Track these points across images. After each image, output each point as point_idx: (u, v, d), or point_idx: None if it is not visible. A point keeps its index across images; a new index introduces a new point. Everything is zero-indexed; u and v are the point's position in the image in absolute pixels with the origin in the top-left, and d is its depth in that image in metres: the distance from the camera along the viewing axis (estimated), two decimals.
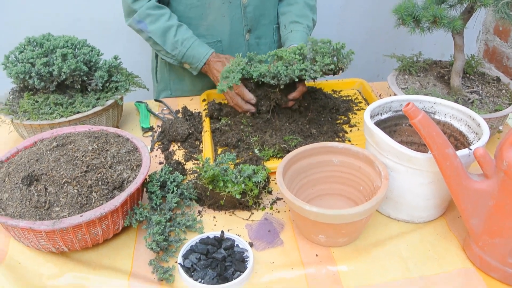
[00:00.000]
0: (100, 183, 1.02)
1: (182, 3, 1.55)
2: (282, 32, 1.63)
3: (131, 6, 1.48)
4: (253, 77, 1.32)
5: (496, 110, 1.30)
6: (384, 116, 1.19)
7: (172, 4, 1.56)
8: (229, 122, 1.43)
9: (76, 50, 1.35)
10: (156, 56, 1.73)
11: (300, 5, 1.70)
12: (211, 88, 1.66)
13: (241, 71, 1.30)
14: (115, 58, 1.41)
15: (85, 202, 0.99)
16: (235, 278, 0.96)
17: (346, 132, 1.42)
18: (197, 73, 1.54)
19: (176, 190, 1.14)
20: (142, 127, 1.48)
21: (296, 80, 1.30)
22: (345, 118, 1.49)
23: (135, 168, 1.08)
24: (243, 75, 1.31)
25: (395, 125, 1.21)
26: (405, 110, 0.88)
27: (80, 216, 0.95)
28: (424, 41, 2.24)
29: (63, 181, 1.00)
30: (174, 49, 1.50)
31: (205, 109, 1.51)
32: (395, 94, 1.38)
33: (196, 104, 1.62)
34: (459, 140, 1.13)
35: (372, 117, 1.15)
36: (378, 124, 1.17)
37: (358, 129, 1.44)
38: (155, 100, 1.64)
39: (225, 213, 1.14)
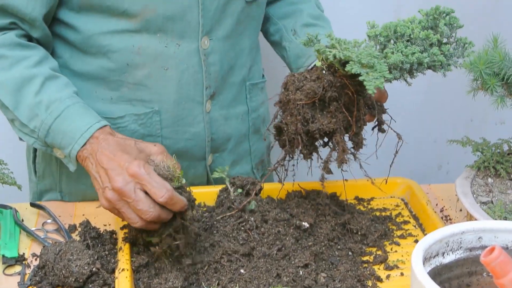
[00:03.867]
0: None
1: (87, 42, 1.57)
2: (289, 41, 1.77)
3: None
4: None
5: None
6: (450, 258, 1.18)
7: (71, 42, 1.59)
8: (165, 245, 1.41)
9: None
10: None
11: (313, 3, 1.84)
12: None
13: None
14: None
15: None
16: None
17: (380, 280, 1.41)
18: (75, 167, 1.48)
19: None
20: (3, 256, 1.45)
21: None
22: (379, 253, 1.48)
23: None
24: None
25: (469, 275, 1.20)
26: (486, 262, 0.88)
27: None
28: None
29: None
30: (33, 117, 1.47)
31: (123, 227, 1.50)
32: (469, 217, 1.37)
33: (108, 216, 1.59)
34: None
35: (427, 260, 1.14)
36: (439, 272, 1.16)
37: (403, 275, 1.43)
38: (32, 204, 1.63)
39: None
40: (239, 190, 1.51)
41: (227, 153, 1.76)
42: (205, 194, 1.62)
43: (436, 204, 1.69)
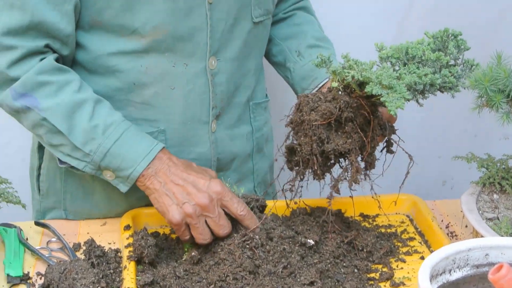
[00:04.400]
0: None
1: (95, 61, 1.58)
2: (293, 62, 1.79)
3: (6, 73, 1.48)
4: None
5: None
6: (457, 275, 1.18)
7: (79, 61, 1.59)
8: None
9: None
10: (40, 147, 1.73)
11: (316, 26, 1.86)
12: (139, 204, 1.66)
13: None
14: None
15: None
16: None
17: None
18: (129, 188, 1.53)
19: None
20: (8, 275, 1.45)
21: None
22: (385, 270, 1.48)
23: None
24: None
25: None
26: (494, 280, 0.88)
27: None
28: None
29: None
30: (89, 141, 1.49)
31: (128, 246, 1.49)
32: (475, 233, 1.37)
33: (113, 234, 1.61)
34: None
35: (433, 277, 1.14)
36: None
37: None
38: (36, 223, 1.63)
39: None
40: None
41: (231, 172, 1.76)
42: None
43: (442, 220, 1.68)
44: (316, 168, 1.41)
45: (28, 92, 1.48)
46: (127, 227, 1.56)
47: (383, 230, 1.62)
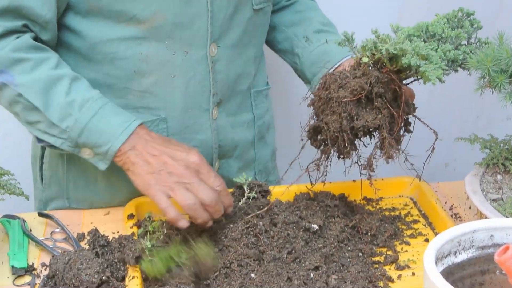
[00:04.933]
0: None
1: (93, 48, 1.57)
2: (302, 48, 1.78)
3: None
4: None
5: None
6: (462, 257, 1.18)
7: (76, 48, 1.59)
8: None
9: None
10: None
11: (319, 11, 1.87)
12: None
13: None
14: None
15: None
16: None
17: (391, 280, 1.41)
18: (108, 165, 1.51)
19: None
20: (12, 266, 1.45)
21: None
22: (389, 253, 1.48)
23: None
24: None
25: (482, 274, 1.20)
26: (500, 261, 0.87)
27: None
28: None
29: None
30: (66, 117, 1.47)
31: (132, 234, 1.49)
32: (479, 215, 1.37)
33: (117, 224, 1.61)
34: None
35: (439, 259, 1.14)
36: (451, 272, 1.16)
37: (414, 274, 1.42)
38: (40, 214, 1.63)
39: None
40: (253, 194, 1.50)
41: (233, 160, 1.76)
42: None
43: (445, 202, 1.68)
44: (346, 145, 1.40)
45: (4, 69, 1.48)
46: (131, 216, 1.56)
47: (387, 213, 1.62)
